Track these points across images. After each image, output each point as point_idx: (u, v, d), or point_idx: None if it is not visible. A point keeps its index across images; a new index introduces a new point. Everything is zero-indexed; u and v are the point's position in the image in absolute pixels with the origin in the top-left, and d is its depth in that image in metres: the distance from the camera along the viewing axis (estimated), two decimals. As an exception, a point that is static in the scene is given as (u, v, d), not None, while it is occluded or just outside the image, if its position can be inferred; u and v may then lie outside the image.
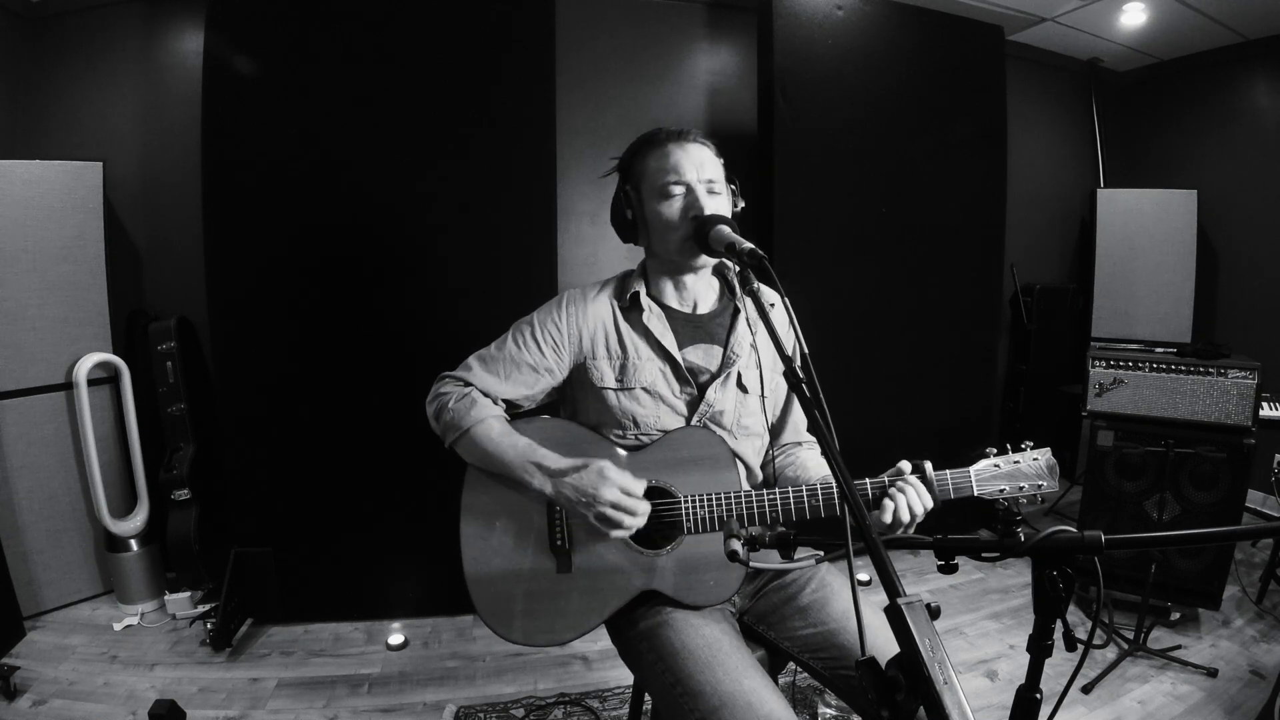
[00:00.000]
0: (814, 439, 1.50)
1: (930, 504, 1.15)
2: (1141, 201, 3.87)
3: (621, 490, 1.16)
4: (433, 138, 2.42)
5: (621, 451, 1.29)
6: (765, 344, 1.37)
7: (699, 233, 1.20)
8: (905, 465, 1.18)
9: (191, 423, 2.67)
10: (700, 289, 1.38)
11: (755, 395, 1.36)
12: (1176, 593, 2.49)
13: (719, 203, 1.27)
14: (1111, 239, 3.92)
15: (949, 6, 3.15)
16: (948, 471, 1.19)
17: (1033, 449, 1.20)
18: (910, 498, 1.14)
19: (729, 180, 1.33)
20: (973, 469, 1.19)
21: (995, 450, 1.19)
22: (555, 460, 1.21)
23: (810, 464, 1.39)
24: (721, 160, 1.32)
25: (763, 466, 1.43)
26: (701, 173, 1.27)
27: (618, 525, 1.17)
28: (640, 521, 1.18)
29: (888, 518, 1.13)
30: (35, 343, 2.48)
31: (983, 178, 3.23)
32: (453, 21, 2.41)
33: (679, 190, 1.26)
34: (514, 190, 2.50)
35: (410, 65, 2.40)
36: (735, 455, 1.32)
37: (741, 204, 1.35)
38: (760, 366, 1.34)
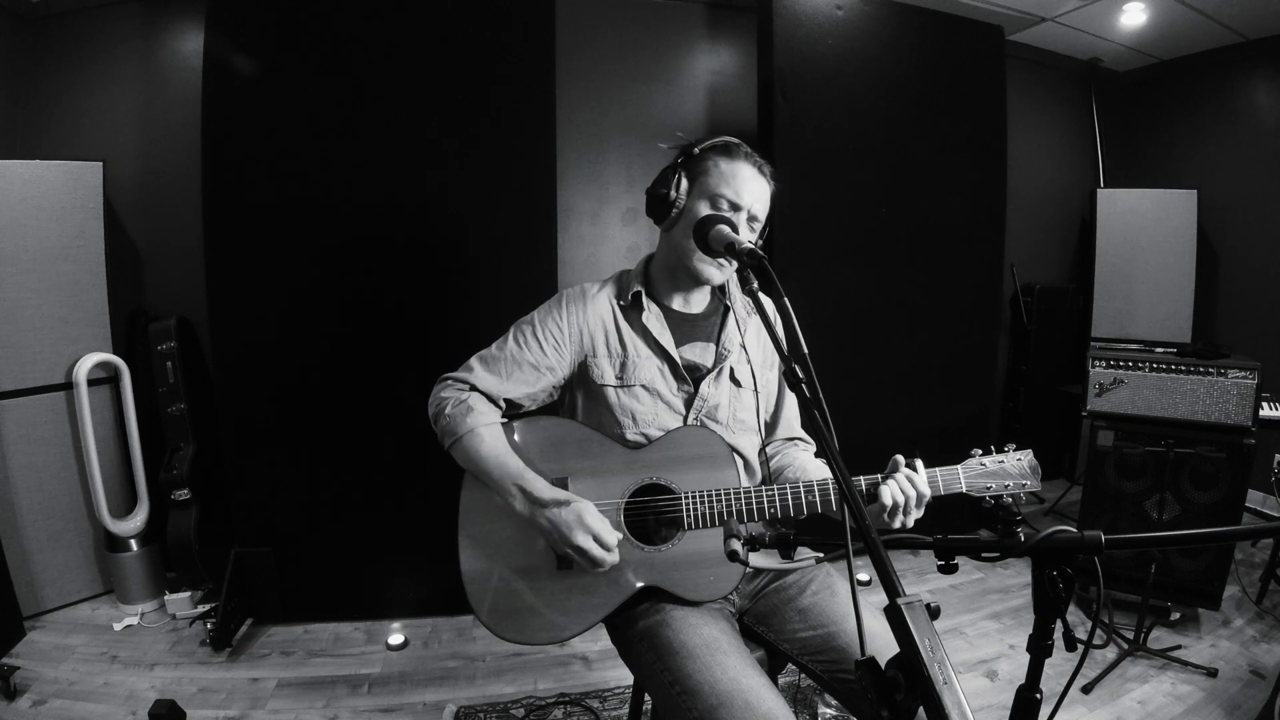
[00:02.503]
0: (810, 436, 1.51)
1: (925, 489, 1.18)
2: (1141, 201, 3.87)
3: (594, 538, 1.18)
4: (433, 138, 2.42)
5: (622, 449, 1.29)
6: (754, 341, 1.41)
7: (699, 229, 1.20)
8: (900, 460, 1.21)
9: (191, 423, 2.67)
10: (698, 293, 1.40)
11: (749, 390, 1.38)
12: (1176, 593, 2.49)
13: (750, 239, 1.29)
14: (1111, 239, 3.92)
15: (949, 6, 3.15)
16: (937, 469, 1.24)
17: (1015, 450, 1.26)
18: (901, 482, 1.17)
19: (765, 224, 1.35)
20: (961, 467, 1.25)
21: (981, 451, 1.26)
22: (540, 489, 1.22)
23: (810, 466, 1.40)
24: (770, 205, 1.34)
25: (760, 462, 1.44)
26: (754, 208, 1.29)
27: (582, 567, 1.21)
28: (605, 568, 1.21)
29: (887, 500, 1.16)
30: (35, 343, 2.48)
31: (983, 178, 3.23)
32: (453, 21, 2.41)
33: (725, 207, 1.27)
34: (514, 190, 2.50)
35: (410, 66, 2.39)
36: (733, 450, 1.33)
37: (760, 242, 1.35)
38: (751, 364, 1.36)
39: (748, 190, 1.28)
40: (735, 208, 1.27)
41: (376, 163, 2.41)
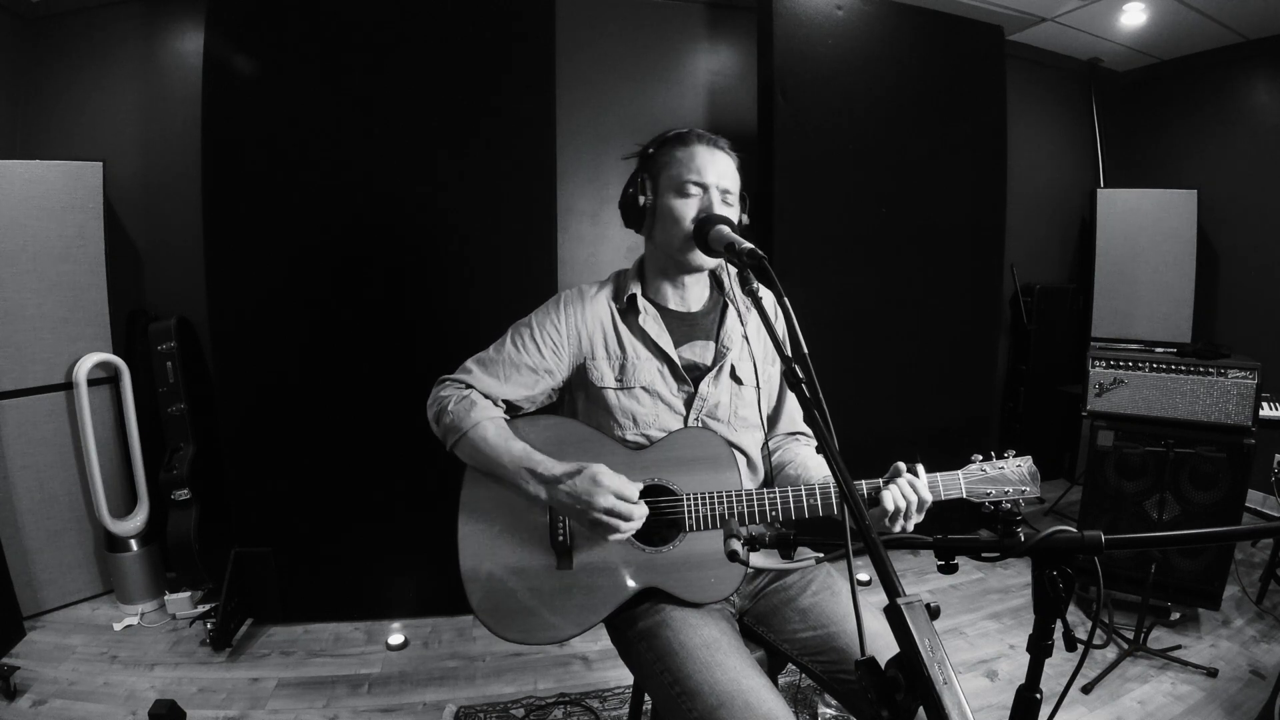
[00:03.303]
0: (812, 432, 1.51)
1: (926, 495, 1.18)
2: (1141, 201, 3.87)
3: (616, 495, 1.16)
4: (432, 138, 2.42)
5: (624, 451, 1.29)
6: (756, 336, 1.40)
7: (699, 230, 1.21)
8: (901, 466, 1.21)
9: (191, 423, 2.67)
10: (695, 289, 1.39)
11: (750, 387, 1.37)
12: (1176, 593, 2.49)
13: (729, 214, 1.29)
14: (1111, 239, 3.92)
15: (949, 6, 3.15)
16: (938, 474, 1.24)
17: (1015, 456, 1.26)
18: (904, 487, 1.16)
19: (741, 196, 1.34)
20: (961, 472, 1.25)
21: (982, 457, 1.26)
22: (550, 466, 1.21)
23: (811, 463, 1.39)
24: (740, 176, 1.34)
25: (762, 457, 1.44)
26: (722, 182, 1.29)
27: (614, 530, 1.18)
28: (636, 525, 1.19)
29: (889, 505, 1.16)
30: (35, 343, 2.48)
31: (983, 178, 3.23)
32: (453, 21, 2.41)
33: (696, 192, 1.28)
34: (514, 190, 2.50)
35: (409, 67, 2.39)
36: (735, 447, 1.34)
37: (746, 219, 1.35)
38: (754, 358, 1.35)
39: (710, 168, 1.28)
40: (703, 187, 1.27)
41: (376, 163, 2.41)
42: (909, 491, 1.16)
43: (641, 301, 1.35)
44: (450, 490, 1.30)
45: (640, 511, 1.18)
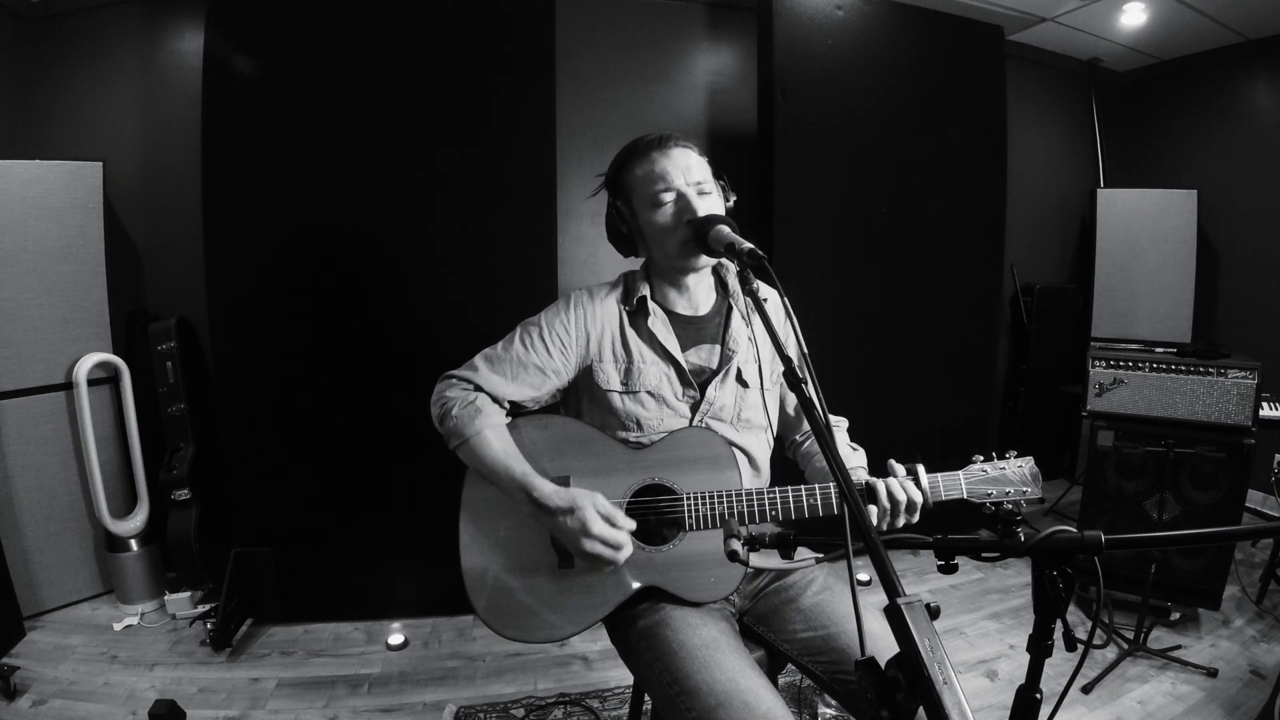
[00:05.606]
0: (841, 420, 1.52)
1: (917, 497, 1.20)
2: (1141, 201, 3.87)
3: (603, 542, 1.18)
4: (432, 138, 2.43)
5: (625, 450, 1.30)
6: (763, 336, 1.39)
7: (699, 234, 1.20)
8: (898, 469, 1.23)
9: (191, 423, 2.67)
10: (701, 291, 1.39)
11: (755, 389, 1.37)
12: (1176, 593, 2.49)
13: (711, 202, 1.27)
14: (1111, 239, 3.92)
15: (949, 6, 3.15)
16: (939, 475, 1.25)
17: (1017, 457, 1.27)
18: (892, 486, 1.19)
19: (717, 177, 1.33)
20: (962, 473, 1.25)
21: (983, 457, 1.27)
22: (546, 495, 1.21)
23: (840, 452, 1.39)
24: (706, 159, 1.33)
25: (787, 447, 1.47)
26: (689, 176, 1.27)
27: (596, 569, 1.22)
28: (618, 564, 1.21)
29: (885, 501, 1.18)
30: (35, 343, 2.48)
31: (983, 178, 3.23)
32: (453, 21, 2.41)
33: (669, 197, 1.27)
34: (514, 190, 2.50)
35: (411, 66, 2.40)
36: (739, 449, 1.34)
37: (733, 198, 1.35)
38: (760, 360, 1.35)
39: (673, 169, 1.27)
40: (673, 190, 1.26)
41: (376, 162, 2.41)
42: (898, 492, 1.18)
43: (651, 304, 1.35)
44: (450, 490, 1.30)
45: (622, 556, 1.20)
